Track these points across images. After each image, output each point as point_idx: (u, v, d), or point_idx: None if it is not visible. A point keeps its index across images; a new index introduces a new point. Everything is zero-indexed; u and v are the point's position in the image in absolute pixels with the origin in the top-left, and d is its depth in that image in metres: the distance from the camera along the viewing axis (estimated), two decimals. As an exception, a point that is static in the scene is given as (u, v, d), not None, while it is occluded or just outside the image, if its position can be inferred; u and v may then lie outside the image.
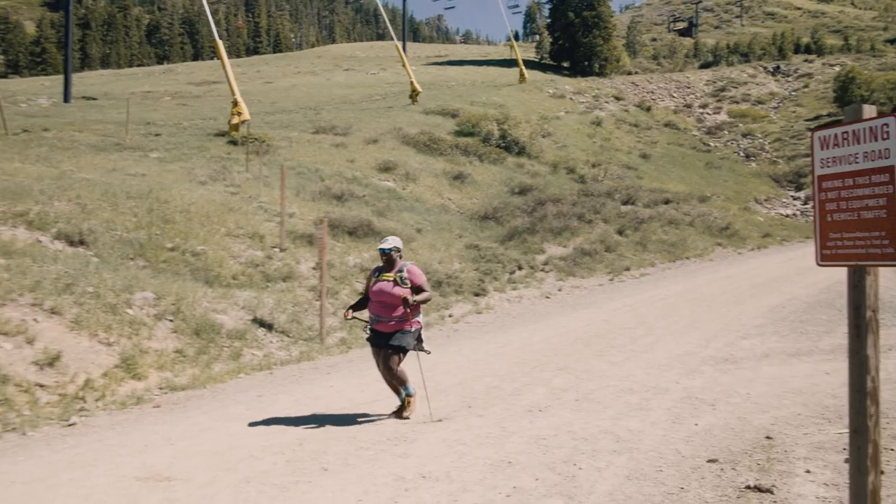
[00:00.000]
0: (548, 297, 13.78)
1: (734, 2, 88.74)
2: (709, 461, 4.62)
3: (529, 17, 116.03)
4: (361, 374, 7.52)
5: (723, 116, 42.28)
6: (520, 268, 15.52)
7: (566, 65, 50.89)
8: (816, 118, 39.38)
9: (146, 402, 6.76)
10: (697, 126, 40.71)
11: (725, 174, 32.95)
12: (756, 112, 42.19)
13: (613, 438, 5.07)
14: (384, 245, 6.30)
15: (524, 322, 11.17)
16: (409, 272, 6.25)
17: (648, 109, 40.68)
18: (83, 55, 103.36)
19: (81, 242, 11.11)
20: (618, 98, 40.97)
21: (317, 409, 6.12)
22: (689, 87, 46.84)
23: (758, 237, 23.33)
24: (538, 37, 71.26)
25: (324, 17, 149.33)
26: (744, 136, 38.79)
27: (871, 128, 2.99)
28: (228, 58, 24.35)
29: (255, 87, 44.21)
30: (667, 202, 23.76)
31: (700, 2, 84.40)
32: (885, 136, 2.92)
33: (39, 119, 27.68)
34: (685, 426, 5.42)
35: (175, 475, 4.37)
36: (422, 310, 6.45)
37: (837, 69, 44.82)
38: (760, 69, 50.99)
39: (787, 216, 28.38)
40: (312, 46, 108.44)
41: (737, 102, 44.22)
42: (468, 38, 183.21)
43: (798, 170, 32.81)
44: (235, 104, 21.89)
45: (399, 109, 31.05)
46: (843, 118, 3.22)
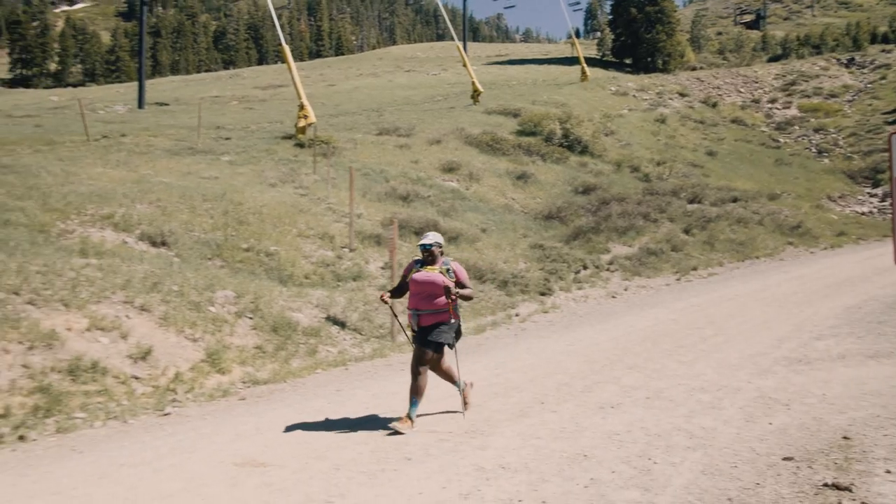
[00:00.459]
0: (614, 297, 13.77)
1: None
2: (784, 459, 4.65)
3: (590, 14, 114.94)
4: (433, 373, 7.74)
5: (793, 111, 41.09)
6: (585, 267, 15.52)
7: (628, 61, 50.30)
8: (894, 111, 37.93)
9: (232, 395, 7.13)
10: (766, 122, 39.69)
11: (796, 171, 32.06)
12: (829, 106, 40.84)
13: (687, 435, 5.14)
14: (426, 241, 6.21)
15: (591, 321, 11.22)
16: (455, 267, 6.22)
17: (714, 105, 39.87)
18: (154, 62, 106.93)
19: (163, 243, 11.67)
20: (682, 94, 40.29)
21: (394, 404, 6.37)
22: (757, 82, 45.67)
23: (831, 236, 22.68)
24: (599, 34, 70.55)
25: (384, 19, 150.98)
26: (816, 132, 37.63)
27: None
28: (284, 60, 24.96)
29: (319, 90, 45.07)
30: (735, 200, 23.31)
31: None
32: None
33: (117, 125, 28.93)
34: (759, 425, 5.44)
35: (269, 461, 4.66)
36: (461, 312, 6.31)
37: (917, 60, 43.06)
38: (833, 61, 49.30)
39: (863, 214, 27.45)
40: (373, 48, 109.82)
41: (808, 96, 42.89)
42: (528, 37, 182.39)
43: (875, 165, 31.61)
44: (302, 107, 22.49)
45: (461, 110, 31.26)
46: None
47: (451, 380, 6.24)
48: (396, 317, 7.14)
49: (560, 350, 8.79)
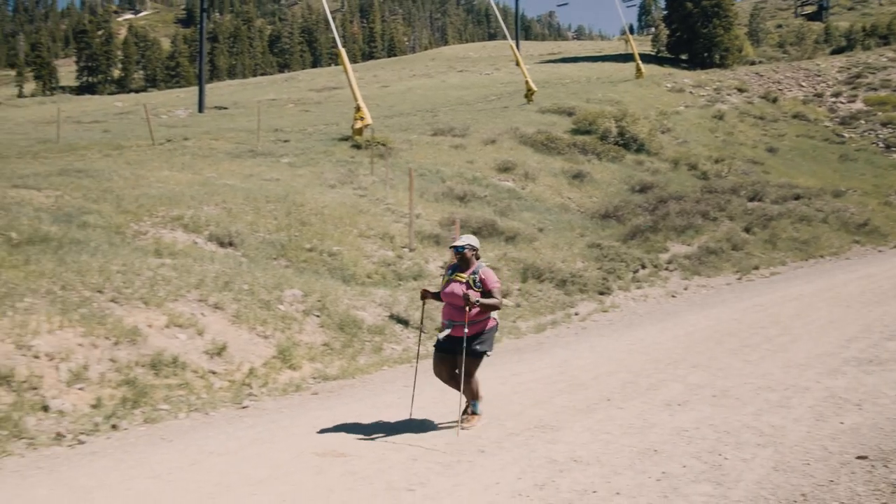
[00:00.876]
0: (674, 296, 13.69)
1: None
2: (858, 458, 4.66)
3: (644, 10, 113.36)
4: (498, 368, 7.89)
5: (858, 105, 39.82)
6: (643, 266, 15.44)
7: (684, 57, 49.48)
8: (966, 104, 36.51)
9: (304, 390, 7.41)
10: (829, 116, 38.59)
11: (862, 167, 31.11)
12: (897, 99, 39.49)
13: (756, 433, 5.17)
14: (458, 243, 5.98)
15: (652, 320, 11.21)
16: (484, 275, 5.89)
17: (775, 101, 38.96)
18: (212, 67, 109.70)
19: (230, 244, 12.07)
20: (741, 90, 39.49)
21: (463, 400, 6.52)
22: (820, 76, 44.42)
23: (901, 233, 22.00)
24: (654, 29, 69.57)
25: (436, 20, 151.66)
26: (883, 126, 36.39)
27: None
28: (341, 62, 25.39)
29: (373, 92, 45.60)
30: (797, 198, 22.80)
31: (831, -16, 79.72)
32: None
33: (179, 129, 29.87)
34: (830, 424, 5.43)
35: (349, 452, 4.89)
36: (496, 313, 6.06)
37: None
38: (901, 52, 47.64)
39: (934, 210, 26.49)
40: (425, 49, 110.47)
41: (875, 89, 41.50)
42: (581, 34, 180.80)
43: (946, 160, 30.51)
44: (358, 109, 22.87)
45: (515, 109, 31.29)
46: None
47: (473, 397, 5.94)
48: (422, 320, 7.21)
49: (622, 349, 8.84)
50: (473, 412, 5.89)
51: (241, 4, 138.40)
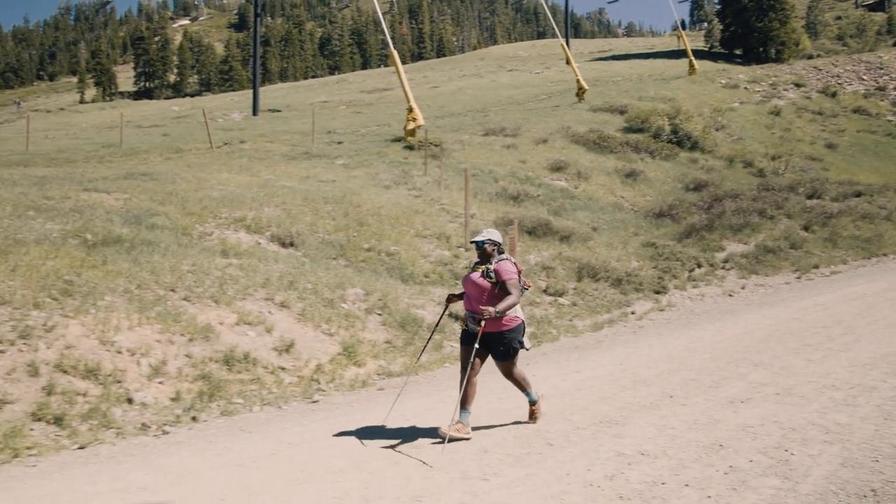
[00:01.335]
0: (731, 295, 13.58)
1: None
2: (928, 456, 4.66)
3: (696, 5, 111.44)
4: (558, 365, 8.02)
5: (923, 98, 38.59)
6: (699, 265, 15.33)
7: (739, 52, 48.61)
8: None
9: (370, 386, 7.66)
10: (893, 111, 37.46)
11: (927, 162, 30.19)
12: (964, 92, 38.14)
13: (822, 430, 5.20)
14: (477, 238, 5.93)
15: (709, 319, 11.17)
16: (498, 266, 5.75)
17: (834, 95, 37.99)
18: (264, 70, 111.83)
19: (291, 244, 12.42)
20: (798, 85, 38.62)
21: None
22: (883, 68, 43.10)
23: (969, 231, 21.30)
24: (707, 24, 68.39)
25: (484, 19, 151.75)
26: (950, 120, 35.25)
27: None
28: (393, 64, 25.73)
29: (423, 92, 45.98)
30: (858, 195, 22.27)
31: (893, -28, 77.09)
32: None
33: (235, 132, 30.64)
34: (899, 423, 5.41)
35: (421, 444, 5.10)
36: (518, 310, 5.88)
37: None
38: (969, 42, 45.94)
39: None
40: (474, 49, 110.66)
41: (939, 82, 40.19)
42: (631, 31, 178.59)
43: None
44: (411, 110, 23.18)
45: (566, 108, 31.25)
46: None
47: (524, 389, 5.94)
48: (437, 323, 7.10)
49: (681, 347, 8.87)
50: (531, 401, 5.89)
51: (292, 8, 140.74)
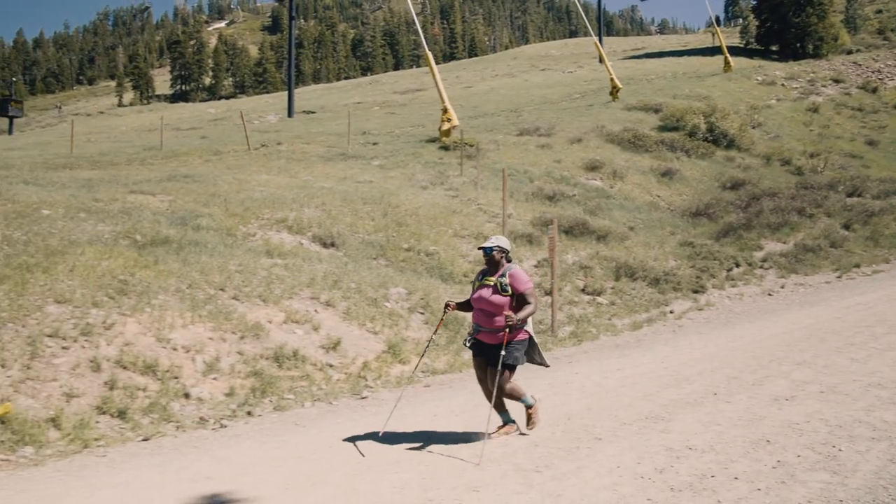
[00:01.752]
0: (770, 295, 13.52)
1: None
2: (978, 453, 4.68)
3: (732, 1, 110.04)
4: (600, 363, 8.13)
5: (967, 93, 37.75)
6: (737, 265, 15.28)
7: (775, 48, 47.86)
8: None
9: (416, 383, 7.85)
10: (935, 106, 36.71)
11: (972, 158, 29.55)
12: None
13: (869, 427, 5.25)
14: (486, 244, 5.71)
15: (749, 318, 11.16)
16: (512, 277, 5.57)
17: (874, 91, 37.33)
18: (297, 72, 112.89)
19: (332, 244, 12.67)
20: (837, 81, 38.03)
21: (570, 392, 6.83)
22: (925, 63, 42.26)
23: None
24: (743, 21, 67.52)
25: (516, 18, 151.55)
26: None
27: None
28: (426, 65, 25.93)
29: (456, 92, 46.10)
30: (900, 192, 21.92)
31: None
32: None
33: (271, 134, 31.07)
34: (948, 421, 5.43)
35: (472, 438, 5.25)
36: (530, 322, 5.81)
37: None
38: None
39: None
40: (506, 48, 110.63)
41: (984, 76, 39.27)
42: (664, 28, 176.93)
43: None
44: (445, 111, 23.36)
45: (599, 107, 31.17)
46: None
47: (518, 398, 5.74)
48: (436, 331, 6.91)
49: (722, 346, 8.91)
50: (527, 406, 5.75)
51: (325, 10, 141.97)
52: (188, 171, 18.21)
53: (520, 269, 5.72)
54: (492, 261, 5.65)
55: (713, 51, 48.83)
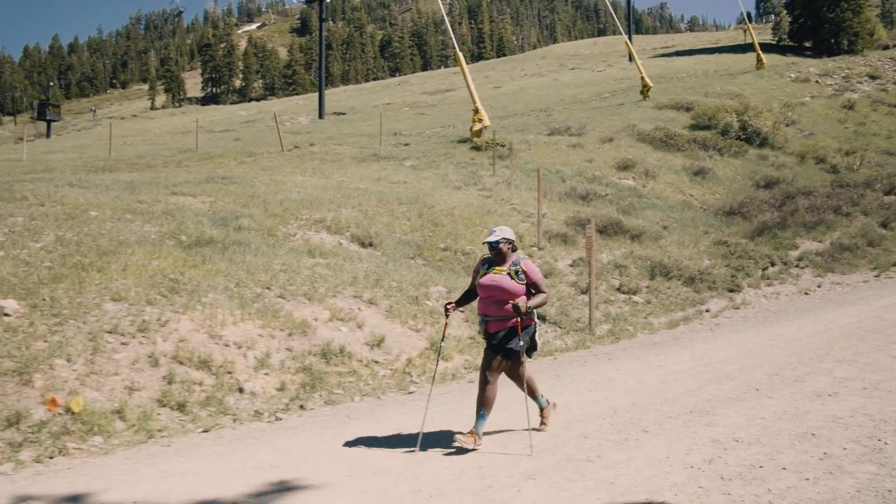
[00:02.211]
0: (806, 294, 13.50)
1: None
2: None
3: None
4: (640, 361, 8.26)
5: None
6: (772, 264, 15.26)
7: (809, 45, 47.32)
8: None
9: (460, 379, 8.05)
10: (974, 102, 36.02)
11: None
12: None
13: (914, 422, 5.33)
14: (491, 238, 5.58)
15: (786, 317, 11.19)
16: (526, 267, 5.56)
17: (911, 87, 36.78)
18: (326, 73, 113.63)
19: (370, 244, 12.91)
20: (873, 77, 37.49)
21: (613, 387, 6.97)
22: (963, 58, 41.49)
23: None
24: (775, 17, 66.72)
25: (544, 17, 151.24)
26: None
27: None
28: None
29: (485, 92, 46.15)
30: (939, 190, 21.62)
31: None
32: None
33: (303, 135, 31.47)
34: None
35: (523, 429, 5.43)
36: (536, 314, 5.78)
37: None
38: None
39: None
40: (534, 47, 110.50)
41: None
42: (694, 25, 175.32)
43: None
44: (476, 111, 23.51)
45: (630, 106, 31.12)
46: None
47: (531, 393, 5.77)
48: (444, 336, 6.62)
49: (761, 343, 8.98)
50: (540, 406, 5.75)
51: (353, 11, 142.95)
52: (225, 173, 18.56)
53: (530, 261, 5.68)
54: (499, 253, 5.59)
55: (745, 48, 48.43)
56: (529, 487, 4.35)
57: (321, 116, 42.22)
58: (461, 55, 26.66)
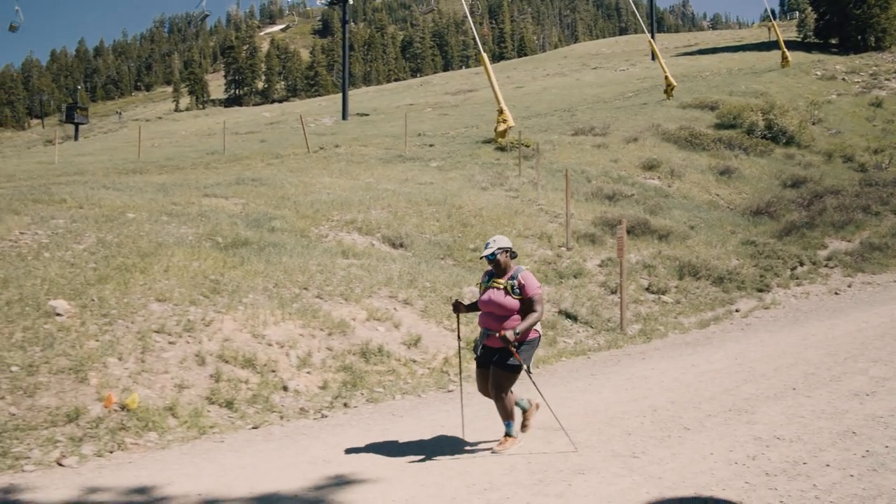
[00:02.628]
0: (837, 294, 13.48)
1: None
2: None
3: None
4: (673, 360, 8.36)
5: None
6: (801, 263, 15.23)
7: (834, 42, 46.88)
8: None
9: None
10: None
11: None
12: None
13: (956, 421, 5.40)
14: (486, 251, 5.47)
15: (818, 317, 11.21)
16: (524, 280, 5.37)
17: (940, 84, 36.34)
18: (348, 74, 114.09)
19: (401, 245, 13.08)
20: (901, 74, 37.10)
21: (650, 386, 7.09)
22: None
23: None
24: (799, 14, 66.08)
25: (565, 17, 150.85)
26: None
27: None
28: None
29: (508, 92, 46.07)
30: (970, 188, 21.39)
31: None
32: None
33: (328, 136, 31.75)
34: None
35: (566, 426, 5.56)
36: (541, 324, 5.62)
37: None
38: None
39: None
40: (555, 47, 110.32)
41: None
42: (717, 23, 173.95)
43: None
44: (501, 112, 23.62)
45: (654, 105, 31.07)
46: None
47: (507, 417, 5.55)
48: (459, 338, 6.39)
49: (794, 343, 9.03)
50: (507, 434, 5.51)
51: (374, 13, 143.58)
52: (253, 175, 18.81)
53: (529, 272, 5.50)
54: (497, 264, 5.47)
55: (769, 46, 48.08)
56: (580, 482, 4.50)
57: (345, 117, 42.53)
58: (486, 56, 26.78)
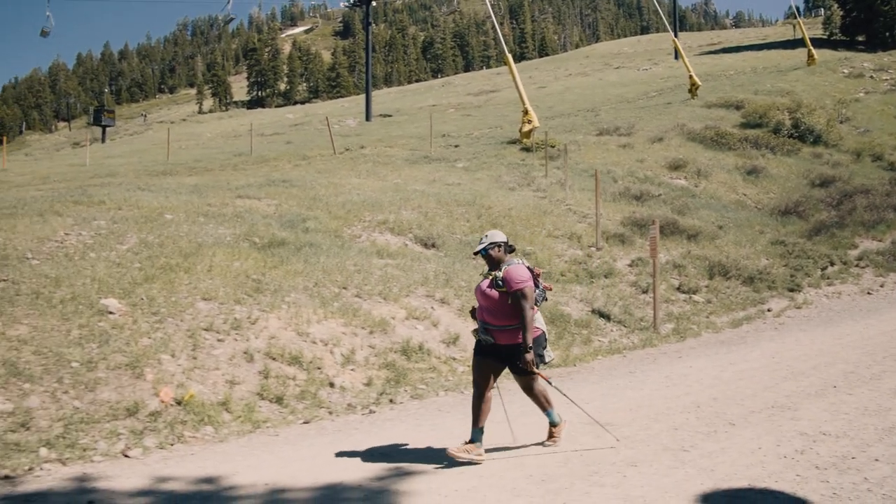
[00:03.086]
0: (869, 293, 13.47)
1: None
2: None
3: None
4: (709, 359, 8.46)
5: None
6: (832, 263, 15.21)
7: (861, 39, 46.43)
8: None
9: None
10: None
11: None
12: None
13: None
14: (479, 248, 5.48)
15: (851, 317, 11.23)
16: (506, 274, 5.22)
17: (970, 81, 35.89)
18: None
19: (433, 245, 13.26)
20: (930, 71, 36.71)
21: (690, 384, 7.21)
22: None
23: None
24: (825, 11, 65.45)
25: (586, 16, 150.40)
26: None
27: None
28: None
29: (530, 93, 45.88)
30: None
31: None
32: None
33: (352, 138, 32.03)
34: None
35: (613, 422, 5.73)
36: (539, 317, 5.57)
37: None
38: None
39: None
40: (576, 47, 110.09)
41: None
42: (740, 21, 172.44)
43: None
44: (526, 112, 23.71)
45: (678, 105, 31.02)
46: None
47: (544, 408, 5.58)
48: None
49: (830, 342, 9.10)
50: (552, 423, 5.54)
51: (395, 14, 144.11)
52: (282, 176, 19.07)
53: (518, 266, 5.28)
54: (491, 259, 5.39)
55: (794, 43, 47.74)
56: (634, 473, 4.65)
57: (368, 119, 42.82)
58: (510, 56, 26.88)
